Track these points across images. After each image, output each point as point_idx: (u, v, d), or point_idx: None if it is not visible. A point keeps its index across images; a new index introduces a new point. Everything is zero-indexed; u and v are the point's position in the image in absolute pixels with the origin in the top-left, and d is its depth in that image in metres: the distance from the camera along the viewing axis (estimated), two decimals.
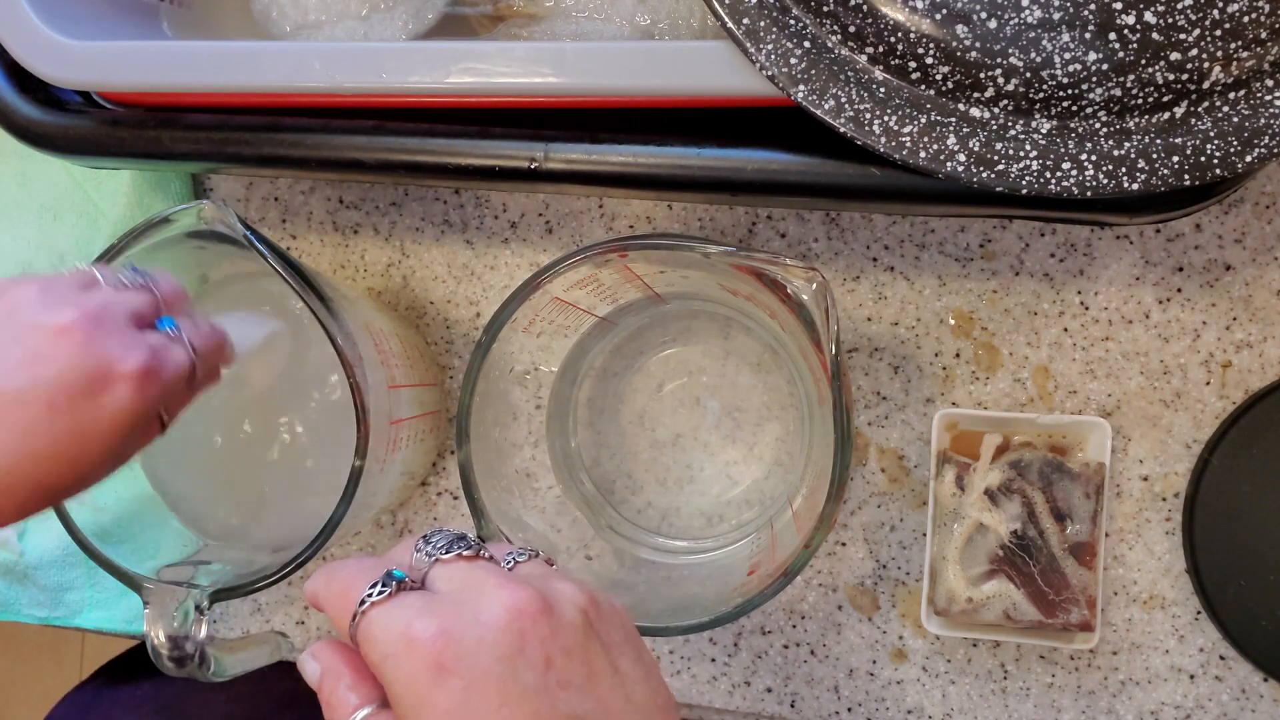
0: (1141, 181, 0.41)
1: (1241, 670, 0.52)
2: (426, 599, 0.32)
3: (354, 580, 0.33)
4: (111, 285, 0.41)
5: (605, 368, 0.57)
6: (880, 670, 0.55)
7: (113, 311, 0.39)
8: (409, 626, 0.31)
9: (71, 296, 0.39)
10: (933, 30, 0.42)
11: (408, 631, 0.31)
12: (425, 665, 0.30)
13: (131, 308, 0.40)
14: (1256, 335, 0.51)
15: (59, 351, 0.37)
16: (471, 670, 0.30)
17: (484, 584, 0.33)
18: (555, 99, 0.47)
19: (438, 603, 0.32)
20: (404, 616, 0.31)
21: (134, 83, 0.51)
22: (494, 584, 0.32)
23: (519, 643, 0.31)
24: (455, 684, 0.30)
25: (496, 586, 0.32)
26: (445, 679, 0.30)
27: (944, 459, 0.52)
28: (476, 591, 0.32)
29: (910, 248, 0.54)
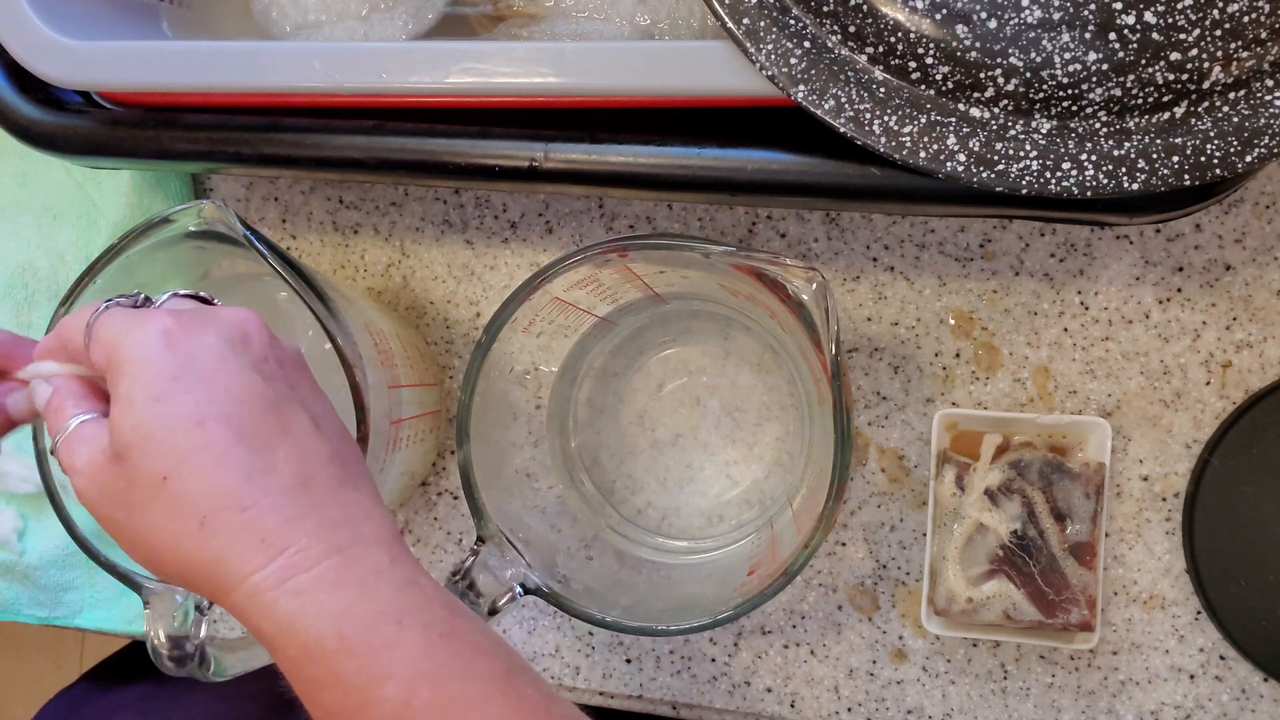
0: (1141, 181, 0.41)
1: (1241, 670, 0.52)
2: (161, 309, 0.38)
3: (91, 306, 0.38)
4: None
5: (605, 368, 0.57)
6: (880, 670, 0.55)
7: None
8: (145, 314, 0.37)
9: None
10: (933, 30, 0.42)
11: (143, 315, 0.37)
12: (156, 332, 0.36)
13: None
14: (1256, 335, 0.51)
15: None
16: (197, 344, 0.36)
17: (214, 308, 0.39)
18: (555, 99, 0.47)
19: (172, 309, 0.38)
20: (139, 312, 0.37)
21: (134, 83, 0.51)
22: (224, 307, 0.39)
23: (243, 336, 0.37)
24: (180, 349, 0.35)
25: (226, 307, 0.39)
26: (173, 344, 0.36)
27: (944, 459, 0.52)
28: (207, 310, 0.39)
29: (910, 248, 0.54)
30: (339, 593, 0.34)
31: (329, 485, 0.36)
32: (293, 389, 0.38)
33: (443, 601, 0.36)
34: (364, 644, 0.34)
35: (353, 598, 0.34)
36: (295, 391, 0.38)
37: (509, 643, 0.39)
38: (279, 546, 0.34)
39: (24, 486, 0.63)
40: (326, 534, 0.35)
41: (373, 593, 0.34)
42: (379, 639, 0.34)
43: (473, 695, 0.34)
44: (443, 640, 0.35)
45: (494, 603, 0.47)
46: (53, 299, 0.63)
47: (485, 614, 0.47)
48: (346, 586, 0.34)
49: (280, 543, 0.34)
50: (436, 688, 0.34)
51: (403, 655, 0.34)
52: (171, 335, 0.36)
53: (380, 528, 0.37)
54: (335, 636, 0.34)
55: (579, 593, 0.48)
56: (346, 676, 0.34)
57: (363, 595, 0.34)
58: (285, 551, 0.34)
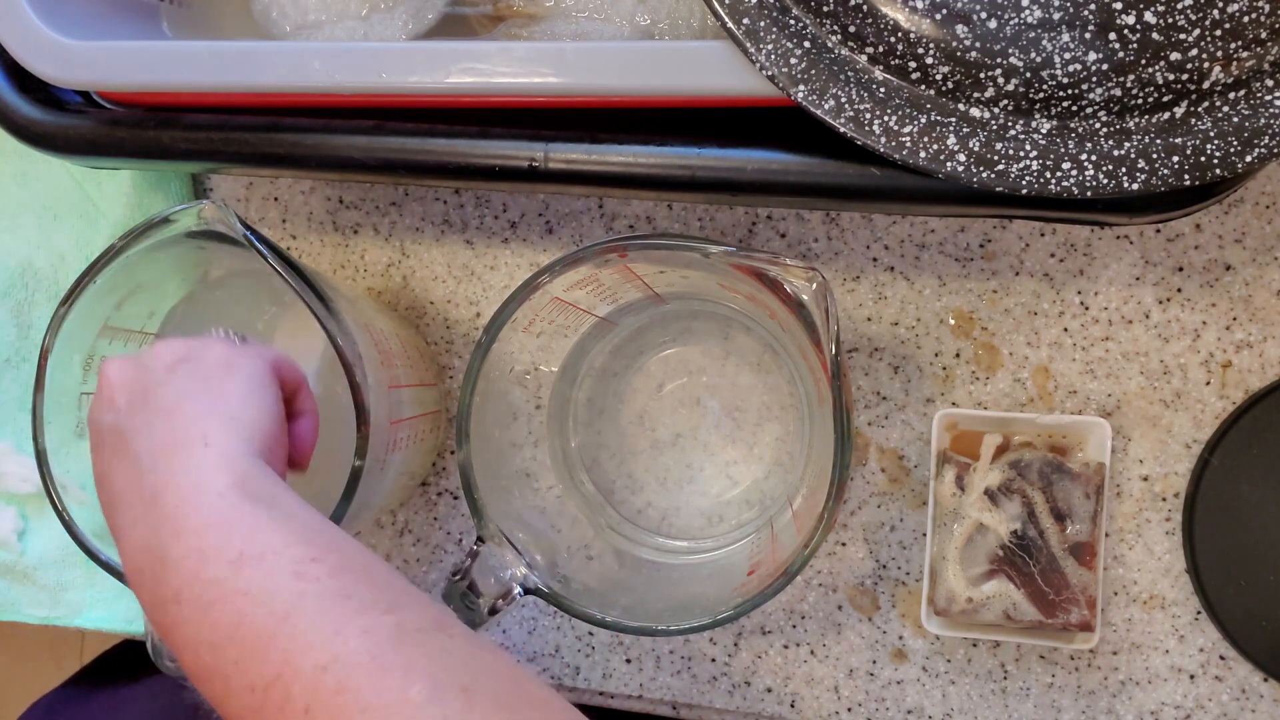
0: (1141, 181, 0.41)
1: (1241, 670, 0.52)
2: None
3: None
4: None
5: (605, 368, 0.57)
6: (880, 670, 0.55)
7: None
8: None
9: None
10: (933, 30, 0.42)
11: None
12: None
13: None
14: (1256, 335, 0.51)
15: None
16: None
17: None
18: (555, 99, 0.47)
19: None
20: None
21: (134, 83, 0.51)
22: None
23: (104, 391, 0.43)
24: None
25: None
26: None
27: (944, 459, 0.52)
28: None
29: (910, 248, 0.54)
30: (142, 585, 0.38)
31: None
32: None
33: (228, 557, 0.37)
34: (161, 626, 0.37)
35: (151, 586, 0.38)
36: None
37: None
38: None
39: (24, 486, 0.63)
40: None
41: (159, 578, 0.37)
42: (167, 619, 0.37)
43: (237, 651, 0.35)
44: (212, 606, 0.36)
45: (494, 603, 0.47)
46: (53, 299, 0.63)
47: (485, 614, 0.47)
48: (147, 575, 0.38)
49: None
50: (212, 652, 0.35)
51: (183, 630, 0.36)
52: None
53: (172, 498, 0.38)
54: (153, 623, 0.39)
55: (579, 593, 0.48)
56: (171, 646, 0.38)
57: (154, 584, 0.37)
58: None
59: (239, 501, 0.38)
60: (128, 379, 0.43)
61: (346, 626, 0.34)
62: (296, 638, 0.34)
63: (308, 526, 0.38)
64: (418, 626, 0.35)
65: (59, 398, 0.51)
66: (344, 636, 0.34)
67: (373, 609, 0.35)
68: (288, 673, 0.33)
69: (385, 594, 0.36)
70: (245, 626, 0.34)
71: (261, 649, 0.34)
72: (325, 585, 0.35)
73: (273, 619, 0.34)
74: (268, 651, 0.34)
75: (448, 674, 0.33)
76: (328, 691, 0.32)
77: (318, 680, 0.33)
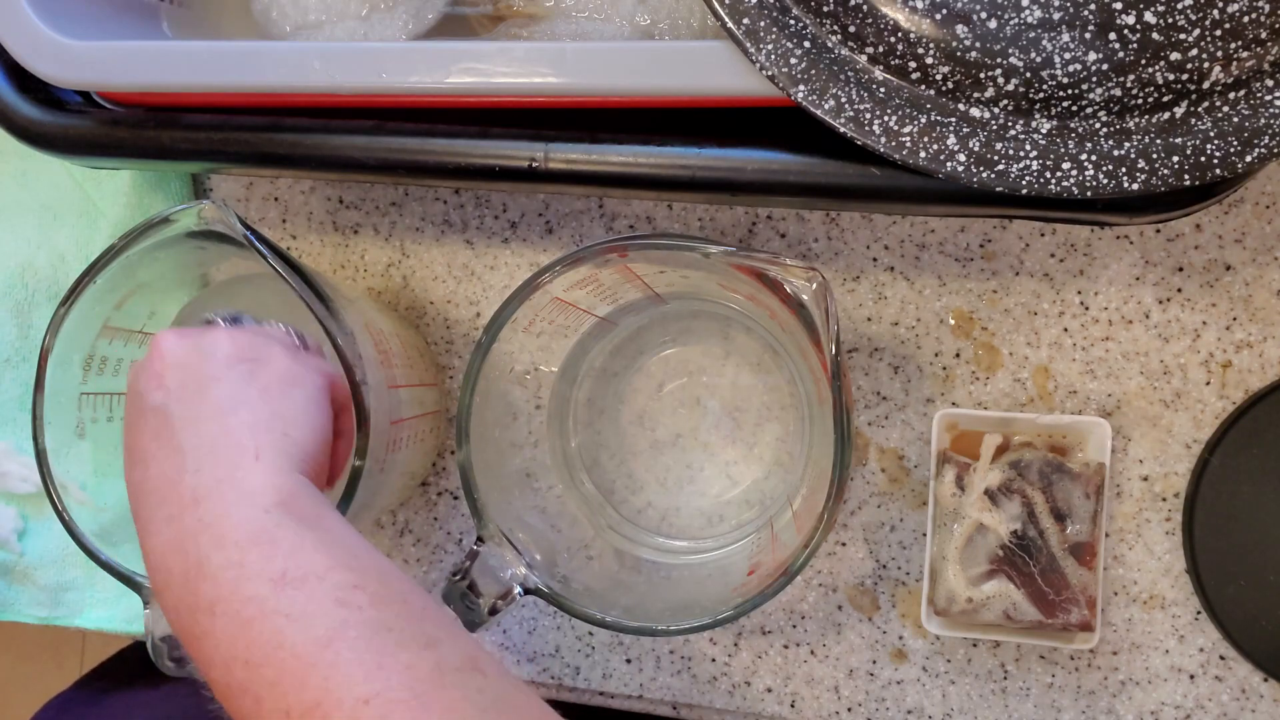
0: (1141, 181, 0.41)
1: (1241, 670, 0.52)
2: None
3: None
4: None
5: (605, 368, 0.57)
6: (880, 670, 0.55)
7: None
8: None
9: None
10: (933, 30, 0.42)
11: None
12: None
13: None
14: (1256, 335, 0.51)
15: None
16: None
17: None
18: (555, 99, 0.47)
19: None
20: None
21: (134, 83, 0.51)
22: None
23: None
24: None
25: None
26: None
27: (944, 459, 0.52)
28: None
29: (910, 248, 0.54)
30: (172, 586, 0.37)
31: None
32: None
33: (269, 575, 0.36)
34: (190, 636, 0.37)
35: (179, 592, 0.37)
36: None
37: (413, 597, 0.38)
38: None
39: (24, 486, 0.63)
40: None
41: (193, 586, 0.37)
42: (198, 630, 0.36)
43: (274, 673, 0.34)
44: (250, 624, 0.35)
45: (494, 603, 0.47)
46: (53, 299, 0.63)
47: (485, 614, 0.47)
48: (178, 578, 0.37)
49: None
50: (246, 670, 0.35)
51: (214, 644, 0.36)
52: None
53: (217, 505, 0.38)
54: (177, 629, 0.37)
55: (579, 593, 0.48)
56: (194, 661, 0.37)
57: (185, 587, 0.37)
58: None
59: (284, 520, 0.37)
60: (183, 360, 0.42)
61: (389, 661, 0.34)
62: (339, 667, 0.33)
63: (350, 551, 0.37)
64: (456, 665, 0.35)
65: (59, 398, 0.51)
66: (386, 671, 0.33)
67: (413, 643, 0.35)
68: (328, 702, 0.33)
69: (424, 627, 0.36)
70: (285, 649, 0.34)
71: (301, 674, 0.34)
72: (367, 615, 0.35)
73: (314, 645, 0.34)
74: (307, 678, 0.33)
75: (484, 717, 0.34)
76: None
77: (358, 713, 0.33)
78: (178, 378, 0.41)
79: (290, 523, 0.37)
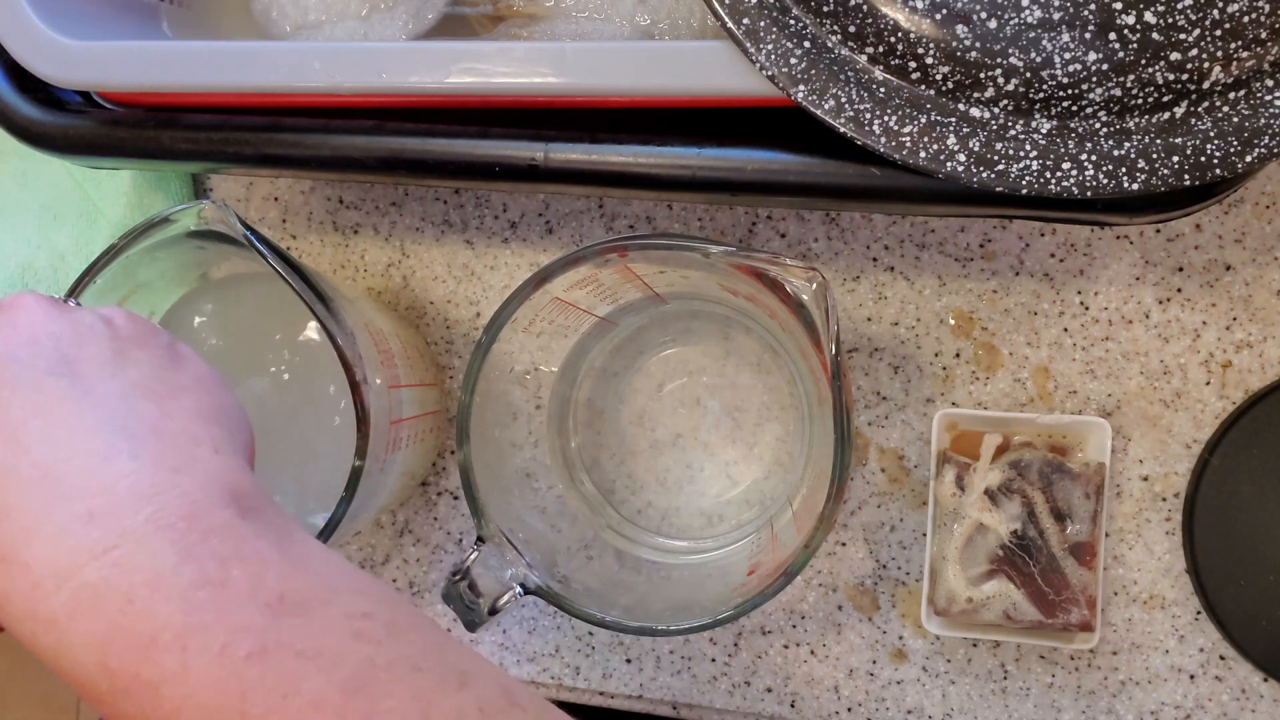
0: (1141, 181, 0.41)
1: (1241, 670, 0.52)
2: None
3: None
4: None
5: (605, 368, 0.57)
6: (880, 670, 0.55)
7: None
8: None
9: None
10: (933, 30, 0.42)
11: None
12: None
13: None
14: (1256, 335, 0.51)
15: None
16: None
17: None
18: (555, 99, 0.47)
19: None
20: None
21: (134, 83, 0.51)
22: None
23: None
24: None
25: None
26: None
27: (944, 459, 0.52)
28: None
29: (910, 248, 0.54)
30: (100, 608, 0.27)
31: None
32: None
33: (264, 599, 0.28)
34: (136, 680, 0.27)
35: (116, 617, 0.27)
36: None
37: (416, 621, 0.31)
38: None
39: None
40: (80, 529, 0.28)
41: (146, 607, 0.27)
42: (154, 673, 0.27)
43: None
44: (248, 662, 0.27)
45: (494, 603, 0.47)
46: None
47: (485, 614, 0.47)
48: (110, 597, 0.27)
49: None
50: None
51: (187, 691, 0.27)
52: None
53: (174, 502, 0.29)
54: (102, 672, 0.27)
55: (579, 593, 0.48)
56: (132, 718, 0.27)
57: (128, 612, 0.27)
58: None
59: (263, 530, 0.30)
60: (68, 331, 0.33)
61: (434, 711, 0.28)
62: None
63: (338, 568, 0.31)
64: (499, 707, 0.29)
65: None
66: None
67: (448, 685, 0.29)
68: None
69: (450, 660, 0.30)
70: (302, 696, 0.27)
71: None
72: (390, 651, 0.28)
73: (341, 694, 0.27)
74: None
75: None
76: None
77: None
78: (70, 347, 0.33)
79: (269, 534, 0.30)
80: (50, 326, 0.33)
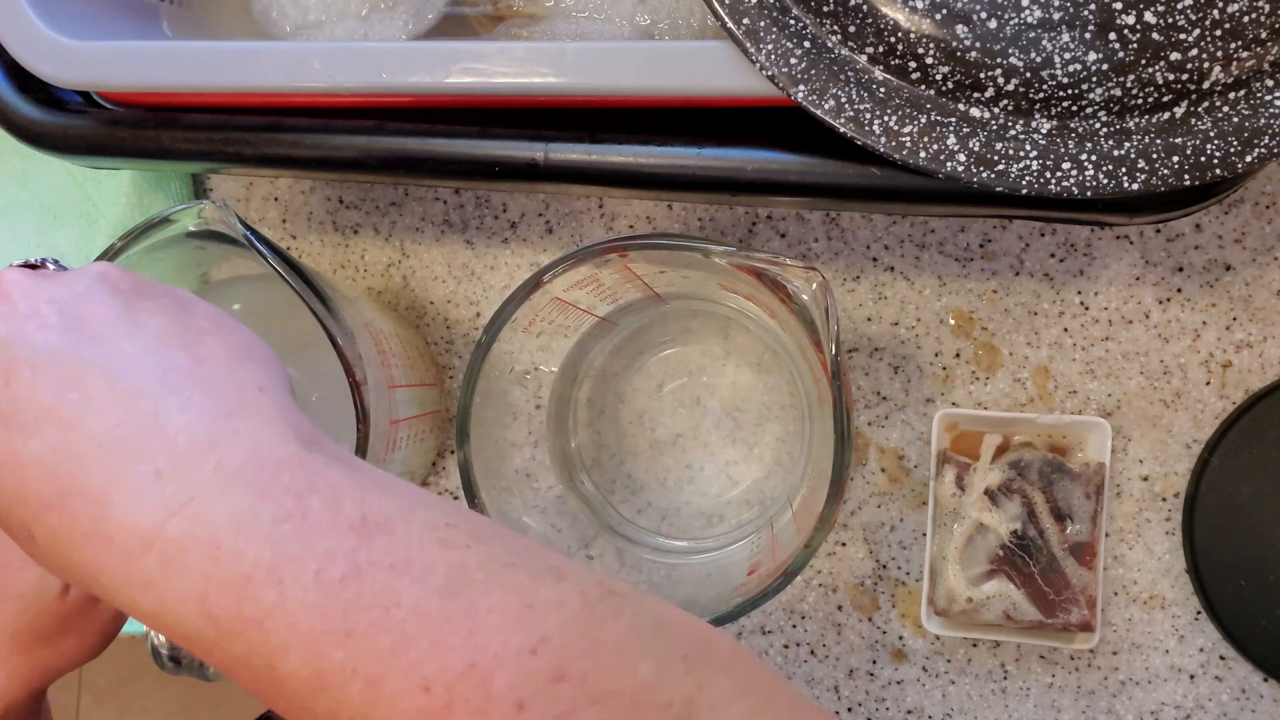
0: (1141, 181, 0.41)
1: (1241, 670, 0.52)
2: None
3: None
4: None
5: (605, 368, 0.57)
6: (880, 670, 0.55)
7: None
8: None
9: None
10: (933, 30, 0.42)
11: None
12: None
13: None
14: (1256, 335, 0.51)
15: None
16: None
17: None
18: (555, 99, 0.47)
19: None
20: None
21: (134, 83, 0.51)
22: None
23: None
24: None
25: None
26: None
27: (944, 459, 0.52)
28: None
29: (910, 248, 0.54)
30: (190, 561, 0.27)
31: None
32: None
33: (346, 523, 0.28)
34: (240, 620, 0.27)
35: (207, 566, 0.27)
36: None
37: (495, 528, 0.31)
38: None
39: None
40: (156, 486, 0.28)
41: (233, 550, 0.27)
42: (255, 610, 0.27)
43: (393, 641, 0.27)
44: (344, 583, 0.27)
45: None
46: None
47: None
48: (196, 548, 0.27)
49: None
50: (348, 645, 0.27)
51: (290, 620, 0.27)
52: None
53: (236, 447, 0.29)
54: (206, 620, 0.27)
55: None
56: (243, 661, 0.27)
57: (218, 559, 0.27)
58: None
59: (329, 460, 0.29)
60: (65, 296, 0.32)
61: (536, 600, 0.28)
62: (480, 617, 0.27)
63: (406, 489, 0.30)
64: (598, 595, 0.29)
65: None
66: (539, 613, 0.27)
67: (545, 577, 0.29)
68: (484, 661, 0.27)
69: (538, 556, 0.30)
70: (403, 607, 0.27)
71: (435, 635, 0.27)
72: (479, 553, 0.28)
73: (439, 597, 0.27)
74: (445, 637, 0.27)
75: (659, 643, 0.29)
76: (542, 679, 0.27)
77: (526, 666, 0.27)
78: (77, 311, 0.31)
79: (335, 462, 0.29)
80: (48, 294, 0.32)
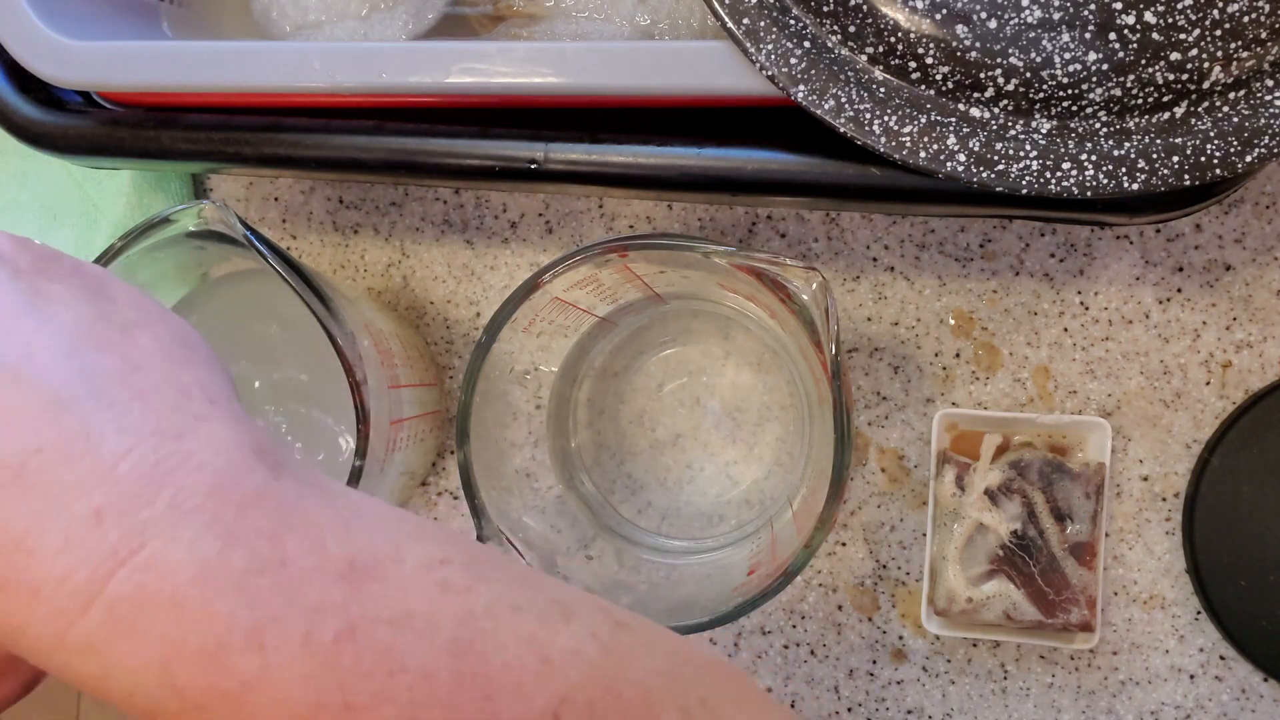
0: (1141, 181, 0.41)
1: (1241, 670, 0.52)
2: None
3: None
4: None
5: (605, 368, 0.57)
6: (880, 670, 0.55)
7: None
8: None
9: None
10: (933, 30, 0.42)
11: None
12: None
13: None
14: (1256, 335, 0.51)
15: None
16: None
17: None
18: (555, 99, 0.47)
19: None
20: None
21: (134, 83, 0.51)
22: None
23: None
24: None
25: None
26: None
27: (944, 459, 0.52)
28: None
29: (910, 248, 0.54)
30: (145, 623, 0.22)
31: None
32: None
33: (332, 570, 0.24)
34: (213, 693, 0.22)
35: (169, 629, 0.22)
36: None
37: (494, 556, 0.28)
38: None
39: None
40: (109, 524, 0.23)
41: (201, 609, 0.23)
42: (232, 681, 0.22)
43: (400, 713, 0.23)
44: (338, 645, 0.23)
45: None
46: None
47: None
48: (153, 607, 0.22)
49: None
50: (349, 717, 0.23)
51: (275, 693, 0.23)
52: None
53: (192, 477, 0.24)
54: (168, 692, 0.23)
55: None
56: None
57: (181, 620, 0.22)
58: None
59: (302, 489, 0.25)
60: None
61: (552, 651, 0.25)
62: (494, 679, 0.24)
63: (384, 513, 0.26)
64: (609, 632, 0.27)
65: None
66: (556, 667, 0.25)
67: (552, 619, 0.26)
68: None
69: (541, 590, 0.27)
70: (410, 673, 0.23)
71: (449, 701, 0.23)
72: (482, 596, 0.25)
73: (450, 655, 0.24)
74: (461, 705, 0.24)
75: (677, 687, 0.27)
76: None
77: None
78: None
79: (308, 490, 0.25)
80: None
